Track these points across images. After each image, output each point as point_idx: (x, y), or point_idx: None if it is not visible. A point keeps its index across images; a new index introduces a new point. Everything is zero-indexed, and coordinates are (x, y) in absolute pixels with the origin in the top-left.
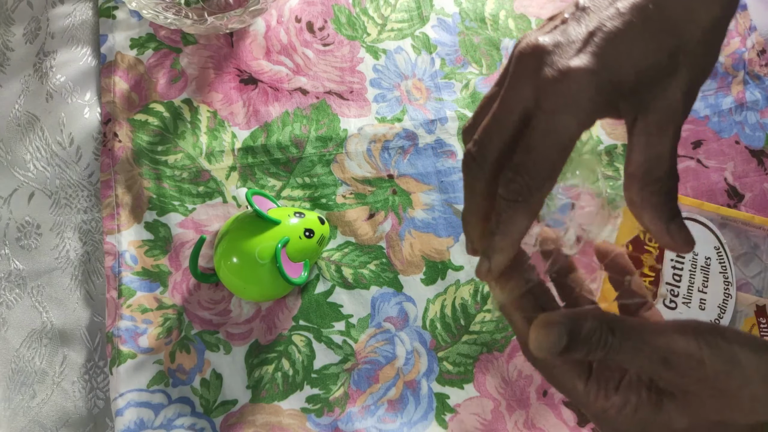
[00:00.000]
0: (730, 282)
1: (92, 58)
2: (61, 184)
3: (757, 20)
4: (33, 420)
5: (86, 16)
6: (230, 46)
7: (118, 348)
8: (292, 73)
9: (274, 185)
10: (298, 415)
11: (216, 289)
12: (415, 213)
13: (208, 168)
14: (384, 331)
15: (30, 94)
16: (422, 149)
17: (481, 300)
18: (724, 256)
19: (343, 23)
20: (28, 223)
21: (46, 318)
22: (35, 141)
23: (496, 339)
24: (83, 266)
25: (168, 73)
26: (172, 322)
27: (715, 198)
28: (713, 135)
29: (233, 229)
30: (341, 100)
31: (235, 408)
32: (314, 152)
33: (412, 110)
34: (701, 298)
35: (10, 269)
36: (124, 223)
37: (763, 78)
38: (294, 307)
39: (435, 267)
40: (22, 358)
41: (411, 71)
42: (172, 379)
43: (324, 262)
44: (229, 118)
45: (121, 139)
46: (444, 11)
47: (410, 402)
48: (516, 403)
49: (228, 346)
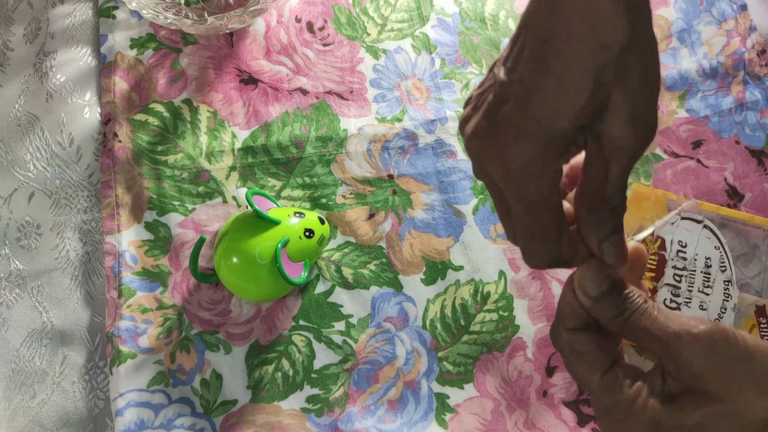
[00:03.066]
0: (730, 282)
1: (92, 58)
2: (61, 184)
3: (757, 20)
4: (33, 420)
5: (86, 16)
6: (230, 46)
7: (118, 348)
8: (292, 73)
9: (274, 185)
10: (298, 415)
11: (216, 289)
12: (415, 213)
13: (208, 168)
14: (384, 331)
15: (30, 94)
16: (422, 149)
17: (481, 300)
18: (724, 256)
19: (343, 23)
20: (28, 223)
21: (46, 318)
22: (35, 141)
23: (496, 339)
24: (83, 266)
25: (168, 73)
26: (172, 322)
27: (715, 198)
28: (713, 135)
29: (233, 229)
30: (341, 100)
31: (235, 408)
32: (314, 152)
33: (412, 110)
34: (701, 299)
35: (10, 269)
36: (124, 223)
37: (763, 78)
38: (294, 307)
39: (435, 267)
40: (22, 358)
41: (411, 71)
42: (172, 380)
43: (324, 262)
44: (229, 118)
45: (121, 139)
46: (444, 11)
47: (410, 402)
48: (516, 403)
49: (228, 346)
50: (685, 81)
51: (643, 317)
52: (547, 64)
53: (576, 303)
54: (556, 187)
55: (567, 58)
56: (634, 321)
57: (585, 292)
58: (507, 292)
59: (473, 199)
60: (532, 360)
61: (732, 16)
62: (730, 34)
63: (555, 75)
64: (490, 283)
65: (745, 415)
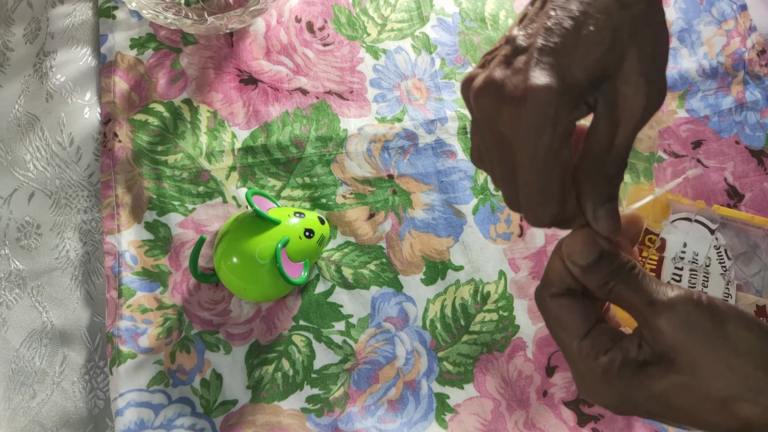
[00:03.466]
0: (730, 282)
1: (92, 58)
2: (61, 184)
3: (757, 20)
4: (33, 420)
5: (86, 16)
6: (230, 46)
7: (118, 348)
8: (292, 73)
9: (274, 185)
10: (298, 415)
11: (216, 289)
12: (415, 213)
13: (208, 168)
14: (384, 331)
15: (30, 94)
16: (422, 149)
17: (481, 300)
18: (724, 256)
19: (343, 23)
20: (28, 223)
21: (46, 318)
22: (35, 141)
23: (496, 339)
24: (83, 266)
25: (168, 73)
26: (172, 322)
27: (715, 198)
28: (713, 135)
29: (233, 229)
30: (341, 100)
31: (235, 408)
32: (314, 152)
33: (412, 110)
34: None
35: (10, 269)
36: (124, 223)
37: (763, 78)
38: (294, 307)
39: (435, 267)
40: (22, 358)
41: (411, 71)
42: (172, 379)
43: (324, 262)
44: (229, 118)
45: (121, 139)
46: (444, 11)
47: (410, 402)
48: (516, 403)
49: (228, 347)
50: (685, 81)
51: (628, 286)
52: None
53: (563, 270)
54: (568, 142)
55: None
56: (619, 290)
57: (574, 261)
58: (507, 292)
59: (473, 199)
60: (532, 360)
61: (732, 16)
62: (730, 34)
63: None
64: (490, 283)
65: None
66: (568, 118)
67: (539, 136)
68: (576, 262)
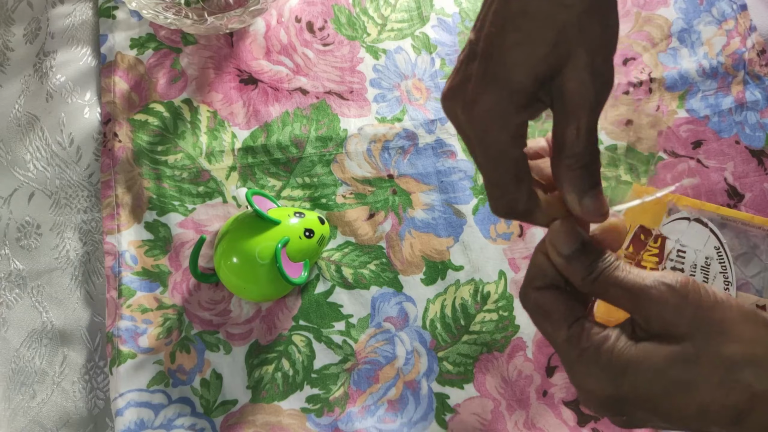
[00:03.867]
0: (730, 282)
1: (92, 58)
2: (61, 184)
3: (757, 20)
4: (33, 420)
5: (86, 16)
6: (230, 46)
7: (118, 348)
8: (292, 73)
9: (274, 185)
10: (298, 415)
11: (216, 289)
12: (415, 213)
13: (208, 168)
14: (384, 331)
15: (30, 94)
16: (422, 149)
17: (481, 300)
18: (724, 256)
19: (343, 23)
20: (28, 223)
21: (46, 318)
22: (35, 141)
23: (496, 339)
24: (83, 266)
25: (168, 73)
26: (172, 322)
27: (715, 198)
28: (713, 135)
29: (233, 229)
30: (341, 100)
31: (235, 408)
32: (314, 152)
33: (412, 110)
34: None
35: (10, 269)
36: (124, 223)
37: (763, 78)
38: (294, 307)
39: (435, 267)
40: (22, 358)
41: (411, 71)
42: (172, 379)
43: (324, 262)
44: (229, 118)
45: (121, 139)
46: (444, 11)
47: (410, 402)
48: (516, 403)
49: (228, 346)
50: (685, 81)
51: (614, 274)
52: (510, 19)
53: (545, 263)
54: (519, 139)
55: (529, 14)
56: (605, 278)
57: (557, 251)
58: (507, 292)
59: (473, 199)
60: (532, 360)
61: (732, 16)
62: (730, 34)
63: (517, 29)
64: (490, 283)
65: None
66: (516, 120)
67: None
68: (560, 251)
